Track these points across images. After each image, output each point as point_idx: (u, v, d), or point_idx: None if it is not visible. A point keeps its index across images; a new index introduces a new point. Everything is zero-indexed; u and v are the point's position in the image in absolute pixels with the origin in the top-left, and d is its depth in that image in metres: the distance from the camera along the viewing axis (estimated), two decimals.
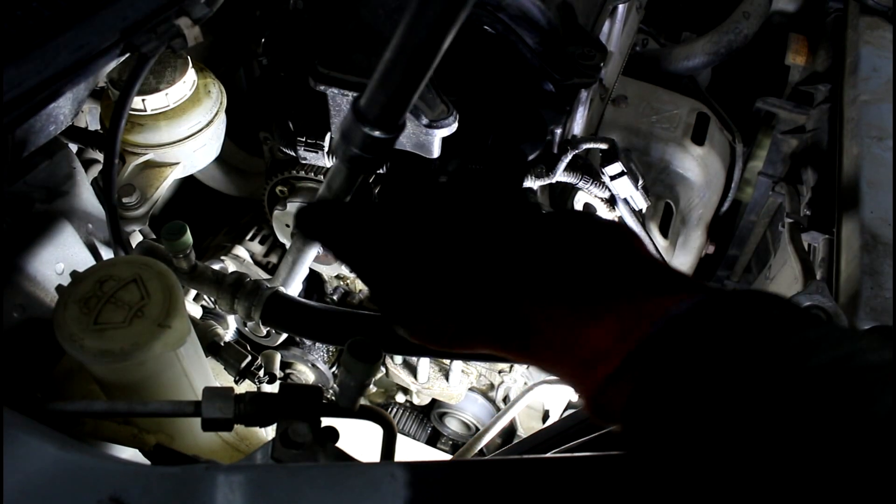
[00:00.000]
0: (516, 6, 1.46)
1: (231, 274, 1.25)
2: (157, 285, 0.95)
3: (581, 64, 1.45)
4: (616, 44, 1.95)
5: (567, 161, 1.40)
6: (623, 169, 1.40)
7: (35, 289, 1.04)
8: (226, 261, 1.82)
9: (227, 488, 0.68)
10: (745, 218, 2.26)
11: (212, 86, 1.45)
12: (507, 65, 1.51)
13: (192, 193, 2.05)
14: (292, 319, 1.21)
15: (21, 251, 1.03)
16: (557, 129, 1.45)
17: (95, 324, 0.91)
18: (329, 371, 2.05)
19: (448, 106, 1.27)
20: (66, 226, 1.11)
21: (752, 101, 2.13)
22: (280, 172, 1.60)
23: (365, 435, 1.14)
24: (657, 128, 1.99)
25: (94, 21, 1.01)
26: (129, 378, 0.97)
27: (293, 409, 0.88)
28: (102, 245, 1.21)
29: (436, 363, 2.02)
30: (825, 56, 2.02)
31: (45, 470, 0.70)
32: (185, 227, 1.12)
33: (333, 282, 1.99)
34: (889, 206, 1.35)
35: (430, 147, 1.31)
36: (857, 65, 1.71)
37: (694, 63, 2.34)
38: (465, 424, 2.28)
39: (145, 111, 1.33)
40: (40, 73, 0.94)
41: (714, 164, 2.04)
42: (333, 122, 1.34)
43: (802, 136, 1.88)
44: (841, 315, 1.14)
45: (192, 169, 1.48)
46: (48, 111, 1.02)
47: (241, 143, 2.02)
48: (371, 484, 0.69)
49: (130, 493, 0.68)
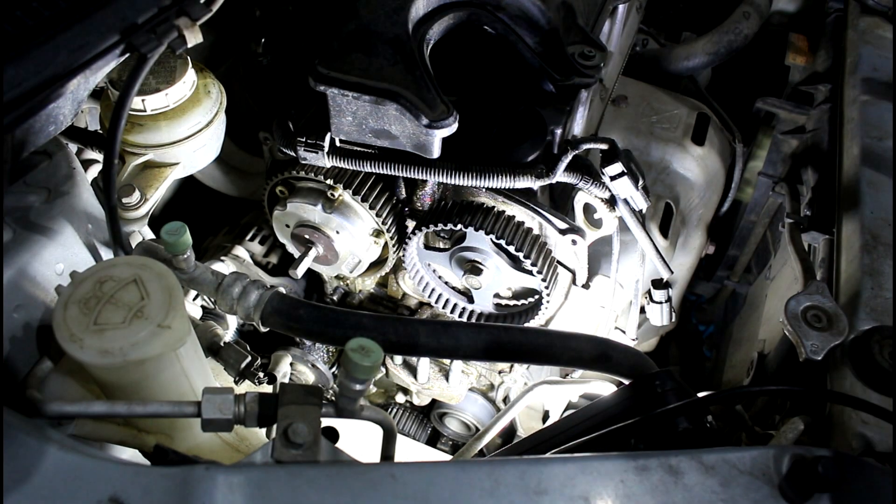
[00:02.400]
0: (516, 6, 1.46)
1: (231, 274, 1.25)
2: (156, 286, 0.95)
3: (581, 64, 1.45)
4: (616, 44, 1.95)
5: (567, 161, 1.40)
6: (623, 169, 1.40)
7: (35, 289, 1.04)
8: (226, 261, 1.82)
9: (227, 489, 0.68)
10: (746, 218, 2.26)
11: (212, 86, 1.45)
12: (507, 65, 1.51)
13: (192, 193, 2.05)
14: (292, 320, 1.21)
15: (21, 251, 1.03)
16: (557, 129, 1.45)
17: (95, 324, 0.91)
18: (329, 371, 2.05)
19: (448, 106, 1.27)
20: (66, 226, 1.11)
21: (752, 101, 2.13)
22: (280, 172, 1.60)
23: (365, 435, 1.14)
24: (657, 128, 1.99)
25: (94, 21, 1.01)
26: (128, 378, 0.97)
27: (293, 410, 0.88)
28: (102, 245, 1.21)
29: (436, 363, 2.03)
30: (825, 56, 2.02)
31: (45, 470, 0.70)
32: (184, 227, 1.12)
33: (333, 282, 1.99)
34: (889, 206, 1.35)
35: (430, 147, 1.31)
36: (857, 65, 1.71)
37: (694, 63, 2.34)
38: (465, 425, 2.28)
39: (145, 111, 1.33)
40: (40, 73, 0.94)
41: (714, 165, 2.04)
42: (333, 122, 1.34)
43: (802, 137, 1.88)
44: (841, 315, 1.14)
45: (192, 169, 1.48)
46: (48, 111, 1.02)
47: (241, 143, 2.02)
48: (371, 484, 0.69)
49: (130, 493, 0.68)
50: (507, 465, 0.85)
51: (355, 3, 1.39)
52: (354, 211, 1.61)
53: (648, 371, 1.19)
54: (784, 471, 0.87)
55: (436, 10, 1.44)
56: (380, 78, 1.27)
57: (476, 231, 1.51)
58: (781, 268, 1.89)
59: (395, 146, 1.35)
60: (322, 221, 1.62)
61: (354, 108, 1.30)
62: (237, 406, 0.91)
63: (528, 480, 0.82)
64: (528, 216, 1.54)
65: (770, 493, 0.86)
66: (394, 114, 1.28)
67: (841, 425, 1.04)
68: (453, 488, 0.80)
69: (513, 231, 1.52)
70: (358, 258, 1.69)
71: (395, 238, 1.67)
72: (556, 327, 1.81)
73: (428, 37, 1.40)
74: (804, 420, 1.08)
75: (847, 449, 1.01)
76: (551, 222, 1.51)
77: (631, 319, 1.81)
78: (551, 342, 1.21)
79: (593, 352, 1.21)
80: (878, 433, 1.01)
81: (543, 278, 1.55)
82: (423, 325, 1.20)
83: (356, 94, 1.27)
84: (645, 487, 0.84)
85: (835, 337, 1.11)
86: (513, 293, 1.75)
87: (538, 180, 1.40)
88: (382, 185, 1.61)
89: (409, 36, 1.34)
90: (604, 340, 1.25)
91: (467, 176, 1.40)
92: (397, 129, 1.30)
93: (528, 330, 1.27)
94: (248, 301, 1.22)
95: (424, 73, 1.29)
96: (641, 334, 1.99)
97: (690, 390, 1.12)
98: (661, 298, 1.75)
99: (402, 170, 1.42)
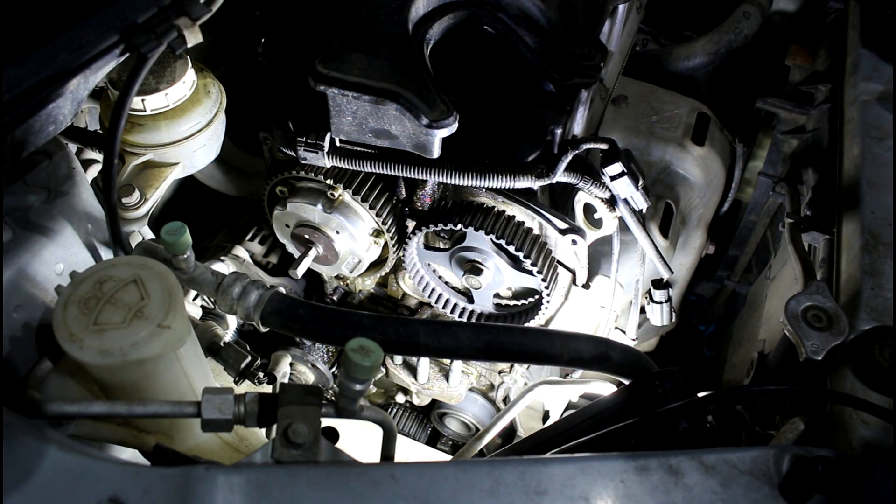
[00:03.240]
0: (516, 6, 1.46)
1: (230, 275, 1.25)
2: (156, 286, 0.95)
3: (581, 64, 1.45)
4: (616, 44, 1.95)
5: (567, 161, 1.40)
6: (623, 169, 1.40)
7: (35, 289, 1.04)
8: (226, 261, 1.82)
9: (227, 489, 0.68)
10: (746, 218, 2.26)
11: (212, 86, 1.45)
12: (507, 65, 1.51)
13: (192, 193, 2.05)
14: (292, 320, 1.21)
15: (21, 251, 1.03)
16: (557, 129, 1.45)
17: (95, 324, 0.91)
18: (329, 371, 2.05)
19: (448, 106, 1.26)
20: (66, 226, 1.11)
21: (752, 101, 2.13)
22: (280, 172, 1.60)
23: (365, 435, 1.14)
24: (657, 128, 1.99)
25: (94, 21, 1.01)
26: (128, 378, 0.97)
27: (293, 410, 0.88)
28: (102, 245, 1.20)
29: (436, 363, 2.03)
30: (825, 56, 2.02)
31: (45, 470, 0.70)
32: (184, 227, 1.12)
33: (333, 282, 1.99)
34: (889, 206, 1.35)
35: (430, 147, 1.31)
36: (857, 65, 1.71)
37: (694, 63, 2.33)
38: (465, 425, 2.28)
39: (145, 111, 1.33)
40: (40, 73, 0.94)
41: (714, 165, 2.04)
42: (333, 122, 1.34)
43: (803, 136, 1.88)
44: (841, 315, 1.14)
45: (192, 169, 1.48)
46: (48, 111, 1.02)
47: (241, 143, 2.02)
48: (371, 484, 0.69)
49: (130, 493, 0.68)
50: (507, 465, 0.85)
51: (355, 3, 1.39)
52: (354, 211, 1.61)
53: (648, 371, 1.19)
54: (784, 471, 0.87)
55: (436, 10, 1.44)
56: (380, 78, 1.27)
57: (476, 231, 1.51)
58: (781, 268, 1.88)
59: (395, 146, 1.35)
60: (322, 221, 1.62)
61: (354, 108, 1.30)
62: (237, 406, 0.91)
63: (528, 480, 0.82)
64: (528, 216, 1.54)
65: (770, 494, 0.86)
66: (394, 114, 1.28)
67: (841, 425, 1.04)
68: (453, 488, 0.80)
69: (513, 231, 1.52)
70: (358, 258, 1.69)
71: (395, 238, 1.67)
72: (556, 327, 1.81)
73: (428, 37, 1.40)
74: (804, 420, 1.08)
75: (847, 449, 1.01)
76: (551, 222, 1.51)
77: (631, 319, 1.81)
78: (551, 342, 1.21)
79: (593, 352, 1.21)
80: (878, 433, 1.01)
81: (543, 278, 1.55)
82: (423, 325, 1.20)
83: (356, 94, 1.27)
84: (645, 487, 0.84)
85: (835, 337, 1.11)
86: (513, 293, 1.75)
87: (538, 180, 1.40)
88: (382, 185, 1.61)
89: (410, 36, 1.34)
90: (604, 340, 1.25)
91: (467, 176, 1.40)
92: (397, 129, 1.30)
93: (528, 330, 1.27)
94: (248, 301, 1.21)
95: (424, 73, 1.29)
96: (641, 334, 1.99)
97: (690, 390, 1.12)
98: (662, 298, 1.75)
99: (402, 170, 1.42)
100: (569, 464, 0.87)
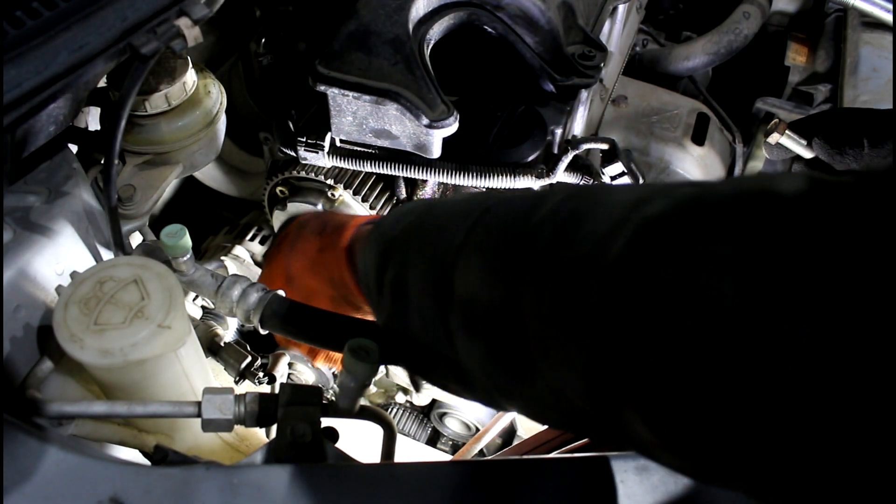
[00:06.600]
0: (516, 6, 1.46)
1: (230, 277, 1.25)
2: (156, 286, 0.95)
3: (581, 64, 1.45)
4: (616, 44, 1.95)
5: (567, 161, 1.40)
6: (624, 169, 1.40)
7: (35, 289, 1.04)
8: (226, 261, 1.82)
9: (227, 489, 0.68)
10: None
11: (212, 86, 1.45)
12: (507, 65, 1.51)
13: (192, 193, 2.05)
14: (292, 323, 1.21)
15: (21, 251, 1.02)
16: (557, 129, 1.45)
17: (95, 324, 0.91)
18: (329, 371, 2.04)
19: (448, 106, 1.27)
20: (66, 226, 1.10)
21: (752, 101, 2.13)
22: (280, 173, 1.60)
23: (365, 435, 1.14)
24: (657, 128, 1.99)
25: (94, 21, 1.01)
26: (128, 378, 0.97)
27: (293, 410, 0.88)
28: (102, 245, 1.20)
29: None
30: (825, 56, 2.02)
31: (45, 470, 0.70)
32: (183, 230, 1.12)
33: None
34: None
35: (430, 147, 1.31)
36: (857, 65, 1.71)
37: (694, 63, 2.34)
38: (465, 425, 2.28)
39: (145, 111, 1.33)
40: (40, 73, 0.93)
41: (714, 165, 2.04)
42: (333, 122, 1.34)
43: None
44: None
45: (192, 169, 1.48)
46: (48, 111, 1.02)
47: (241, 143, 2.02)
48: (371, 484, 0.69)
49: (130, 493, 0.68)
50: (507, 464, 0.85)
51: (355, 3, 1.39)
52: (355, 211, 1.61)
53: None
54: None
55: (436, 11, 1.44)
56: (380, 78, 1.27)
57: None
58: None
59: (395, 146, 1.35)
60: None
61: (355, 108, 1.30)
62: (237, 406, 0.91)
63: (527, 480, 0.82)
64: None
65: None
66: (394, 114, 1.28)
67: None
68: (453, 488, 0.80)
69: None
70: None
71: None
72: None
73: (428, 37, 1.40)
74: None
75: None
76: None
77: None
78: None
79: None
80: None
81: None
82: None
83: (356, 94, 1.27)
84: (645, 487, 0.84)
85: None
86: None
87: (538, 180, 1.40)
88: (383, 185, 1.61)
89: (410, 36, 1.34)
90: None
91: (467, 176, 1.40)
92: (398, 129, 1.30)
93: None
94: (248, 303, 1.21)
95: (425, 73, 1.29)
96: None
97: None
98: None
99: (402, 170, 1.42)
100: (568, 464, 0.87)
